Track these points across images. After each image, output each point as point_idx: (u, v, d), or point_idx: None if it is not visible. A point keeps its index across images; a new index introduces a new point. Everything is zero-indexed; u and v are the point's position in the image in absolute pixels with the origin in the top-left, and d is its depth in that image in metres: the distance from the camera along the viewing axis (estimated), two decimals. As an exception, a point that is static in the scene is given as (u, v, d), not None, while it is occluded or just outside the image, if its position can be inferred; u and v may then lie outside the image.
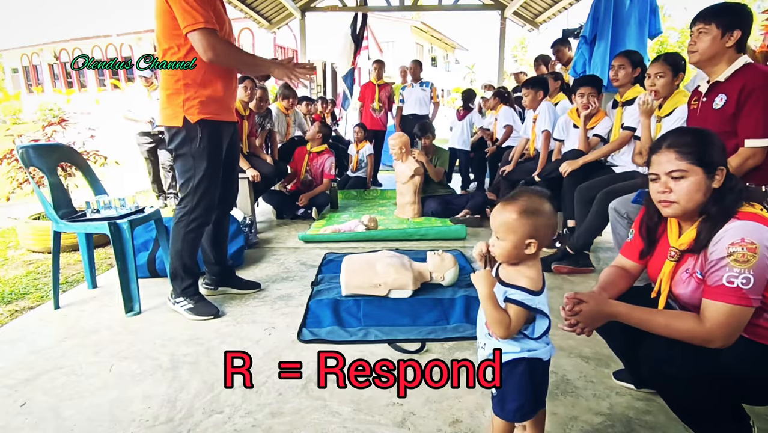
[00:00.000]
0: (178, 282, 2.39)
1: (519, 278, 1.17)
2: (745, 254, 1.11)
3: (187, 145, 2.21)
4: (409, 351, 1.98)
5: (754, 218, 1.15)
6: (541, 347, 1.19)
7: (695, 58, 2.03)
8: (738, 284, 1.12)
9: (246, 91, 3.93)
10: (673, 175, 1.23)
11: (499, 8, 7.25)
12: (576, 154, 3.29)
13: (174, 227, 2.34)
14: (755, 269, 1.11)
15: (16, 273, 3.24)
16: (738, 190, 1.21)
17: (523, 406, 1.20)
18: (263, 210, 4.66)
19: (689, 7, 28.57)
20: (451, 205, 4.35)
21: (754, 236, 1.12)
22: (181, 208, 2.31)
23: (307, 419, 1.57)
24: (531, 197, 1.17)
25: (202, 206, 2.30)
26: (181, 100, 2.15)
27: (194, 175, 2.24)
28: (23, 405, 1.66)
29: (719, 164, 1.21)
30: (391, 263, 2.56)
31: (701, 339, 1.16)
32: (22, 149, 2.39)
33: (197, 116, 2.17)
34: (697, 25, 2.01)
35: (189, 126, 2.18)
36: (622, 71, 3.03)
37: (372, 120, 6.12)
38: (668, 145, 1.25)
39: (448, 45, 31.29)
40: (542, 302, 1.15)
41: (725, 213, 1.19)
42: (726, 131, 1.98)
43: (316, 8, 7.49)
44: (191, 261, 2.38)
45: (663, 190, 1.25)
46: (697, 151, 1.21)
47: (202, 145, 2.20)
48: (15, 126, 14.07)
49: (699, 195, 1.22)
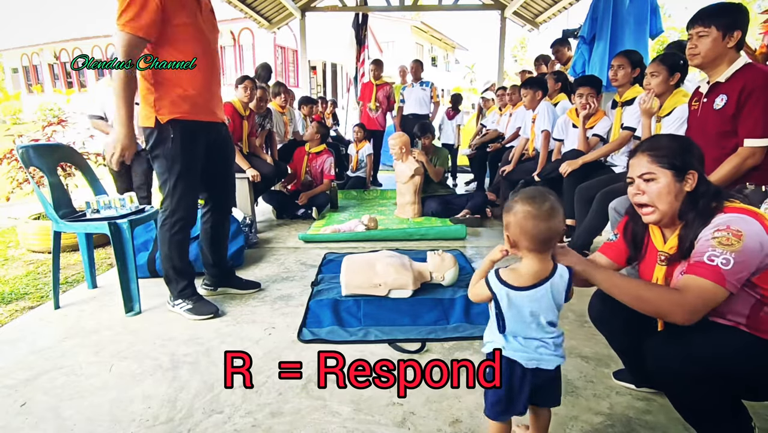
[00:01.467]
0: (173, 285, 2.38)
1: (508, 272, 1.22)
2: (729, 237, 1.14)
3: (160, 146, 2.16)
4: (409, 351, 1.98)
5: (739, 210, 1.19)
6: (510, 346, 1.21)
7: (697, 60, 2.02)
8: (718, 262, 1.13)
9: (246, 91, 3.93)
10: (644, 177, 1.30)
11: (499, 8, 7.24)
12: (575, 154, 3.30)
13: (159, 232, 2.33)
14: (738, 254, 1.12)
15: (16, 273, 3.25)
16: (711, 193, 1.25)
17: (495, 404, 1.24)
18: (263, 210, 4.66)
19: (690, 6, 28.58)
20: (451, 205, 4.35)
21: (741, 226, 1.15)
22: (163, 212, 2.28)
23: (307, 419, 1.57)
24: (515, 196, 1.24)
25: (182, 207, 2.26)
26: (152, 100, 2.11)
27: (170, 177, 2.20)
28: (23, 405, 1.66)
29: (691, 169, 1.26)
30: (391, 262, 2.56)
31: (666, 309, 1.18)
32: (22, 149, 2.39)
33: (167, 116, 2.12)
34: (695, 28, 1.99)
35: (160, 126, 2.13)
36: (622, 71, 3.03)
37: (369, 120, 6.12)
38: (643, 150, 1.33)
39: (448, 45, 31.29)
40: (515, 296, 1.18)
41: (702, 217, 1.23)
42: (726, 131, 1.98)
43: (316, 8, 7.48)
44: (182, 263, 2.36)
45: (635, 192, 1.33)
46: (667, 155, 1.27)
47: (175, 145, 2.15)
48: (15, 126, 14.09)
49: (670, 197, 1.27)
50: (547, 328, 1.20)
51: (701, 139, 2.11)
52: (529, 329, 1.21)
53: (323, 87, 20.17)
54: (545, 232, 1.16)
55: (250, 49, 16.89)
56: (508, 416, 1.26)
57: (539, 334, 1.21)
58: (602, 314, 1.57)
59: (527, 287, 1.19)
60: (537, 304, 1.18)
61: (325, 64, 20.05)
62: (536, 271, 1.20)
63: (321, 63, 19.74)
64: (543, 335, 1.21)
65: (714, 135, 2.03)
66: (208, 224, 2.55)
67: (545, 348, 1.21)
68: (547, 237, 1.17)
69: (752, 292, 1.19)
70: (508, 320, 1.21)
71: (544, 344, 1.21)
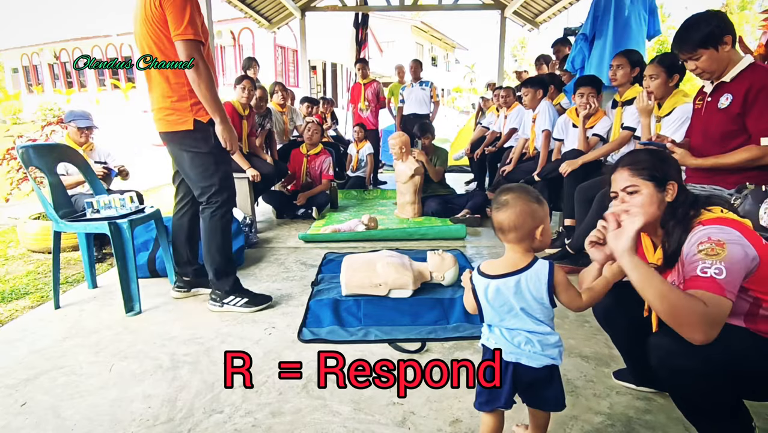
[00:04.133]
0: (224, 281, 2.40)
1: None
2: (713, 247, 1.17)
3: (203, 144, 2.30)
4: (409, 351, 1.98)
5: (715, 221, 1.24)
6: (492, 336, 1.27)
7: (707, 77, 2.03)
8: (711, 273, 1.15)
9: (244, 91, 3.93)
10: (627, 190, 1.34)
11: (499, 8, 7.24)
12: (575, 154, 3.29)
13: (209, 225, 2.36)
14: (726, 262, 1.14)
15: (16, 273, 3.25)
16: (689, 202, 1.31)
17: (479, 394, 1.29)
18: (263, 210, 4.66)
19: (690, 6, 28.58)
20: (451, 204, 4.35)
21: (720, 235, 1.19)
22: (213, 203, 2.34)
23: (307, 419, 1.57)
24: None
25: (231, 194, 2.41)
26: (189, 105, 2.24)
27: (218, 169, 2.33)
28: (23, 405, 1.66)
29: (670, 179, 1.32)
30: (391, 262, 2.56)
31: (689, 319, 1.12)
32: (21, 149, 2.39)
33: (206, 117, 2.27)
34: (685, 55, 2.00)
35: (201, 126, 2.28)
36: (621, 71, 3.03)
37: (361, 121, 6.09)
38: (623, 164, 1.38)
39: (448, 45, 31.30)
40: (486, 284, 1.24)
41: (681, 224, 1.28)
42: (731, 131, 1.99)
43: (316, 8, 7.48)
44: (230, 252, 2.44)
45: (620, 205, 1.36)
46: (647, 168, 1.33)
47: (216, 141, 2.31)
48: (15, 126, 14.09)
49: (653, 208, 1.31)
50: (526, 319, 1.23)
51: (704, 138, 2.12)
52: (506, 318, 1.24)
53: (323, 87, 20.18)
54: (496, 222, 1.26)
55: (250, 49, 16.88)
56: (489, 408, 1.28)
57: (520, 324, 1.23)
58: (608, 311, 1.58)
59: (498, 276, 1.24)
60: (508, 292, 1.22)
61: (325, 64, 20.05)
62: (508, 261, 1.26)
63: (321, 63, 19.75)
64: (526, 327, 1.23)
65: (717, 134, 2.03)
66: (185, 217, 2.56)
67: (530, 345, 1.22)
68: (497, 227, 1.26)
69: (744, 296, 1.20)
70: (484, 308, 1.28)
71: (529, 340, 1.22)
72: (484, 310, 1.28)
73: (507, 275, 1.23)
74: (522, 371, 1.23)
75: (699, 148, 2.12)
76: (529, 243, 1.24)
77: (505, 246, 1.28)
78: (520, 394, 1.30)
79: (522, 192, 1.25)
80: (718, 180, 2.01)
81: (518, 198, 1.23)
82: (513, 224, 1.22)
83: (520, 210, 1.22)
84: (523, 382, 1.25)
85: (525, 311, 1.23)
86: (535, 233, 1.23)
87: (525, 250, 1.25)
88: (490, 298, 1.25)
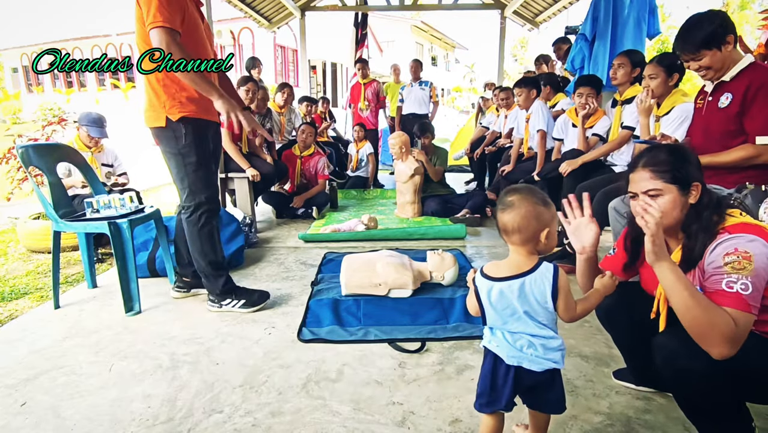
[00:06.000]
0: (214, 283, 2.37)
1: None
2: (741, 261, 1.13)
3: (172, 143, 2.23)
4: (409, 351, 1.98)
5: (742, 228, 1.19)
6: (494, 339, 1.25)
7: (709, 76, 2.03)
8: (737, 289, 1.12)
9: (248, 93, 3.94)
10: (649, 194, 1.28)
11: (499, 7, 7.23)
12: (575, 154, 3.30)
13: (186, 229, 2.35)
14: (753, 277, 1.12)
15: (16, 273, 3.25)
16: (714, 204, 1.25)
17: (479, 396, 1.27)
18: (263, 210, 4.65)
19: (691, 6, 28.56)
20: (451, 204, 4.35)
21: (748, 247, 1.15)
22: (186, 208, 2.32)
23: (307, 419, 1.57)
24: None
25: (204, 197, 2.30)
26: (162, 101, 2.19)
27: (187, 172, 2.26)
28: (23, 405, 1.66)
29: (694, 180, 1.27)
30: (391, 262, 2.56)
31: (721, 342, 1.11)
32: (22, 149, 2.39)
33: (178, 114, 2.19)
34: (687, 55, 2.00)
35: (172, 124, 2.20)
36: (621, 70, 3.04)
37: (361, 121, 6.09)
38: (643, 164, 1.31)
39: (448, 44, 31.30)
40: (490, 286, 1.21)
41: (705, 229, 1.23)
42: (731, 130, 1.99)
43: (316, 8, 7.47)
44: (217, 256, 2.38)
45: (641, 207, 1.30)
46: (671, 170, 1.26)
47: (188, 141, 2.23)
48: (15, 126, 14.09)
49: (676, 211, 1.27)
50: (529, 322, 1.20)
51: (704, 137, 2.12)
52: (509, 322, 1.22)
53: (323, 86, 20.18)
54: (500, 223, 1.23)
55: (250, 49, 16.89)
56: (490, 409, 1.26)
57: (523, 327, 1.21)
58: (610, 311, 1.57)
59: (502, 278, 1.21)
60: (512, 295, 1.19)
61: (325, 63, 20.05)
62: (512, 264, 1.23)
63: (321, 62, 19.74)
64: (529, 330, 1.20)
65: (717, 133, 2.03)
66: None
67: (533, 349, 1.20)
68: (501, 228, 1.23)
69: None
70: (487, 311, 1.25)
71: (531, 344, 1.21)
72: (487, 312, 1.24)
73: (511, 277, 1.20)
74: (523, 375, 1.21)
75: (700, 147, 2.12)
76: (533, 245, 1.21)
77: (509, 248, 1.25)
78: (521, 396, 1.29)
79: (528, 193, 1.22)
80: (718, 179, 2.01)
81: (524, 200, 1.20)
82: (517, 225, 1.19)
83: (525, 212, 1.19)
84: (524, 385, 1.23)
85: (528, 315, 1.20)
86: (540, 236, 1.20)
87: (529, 252, 1.22)
88: (494, 301, 1.22)
